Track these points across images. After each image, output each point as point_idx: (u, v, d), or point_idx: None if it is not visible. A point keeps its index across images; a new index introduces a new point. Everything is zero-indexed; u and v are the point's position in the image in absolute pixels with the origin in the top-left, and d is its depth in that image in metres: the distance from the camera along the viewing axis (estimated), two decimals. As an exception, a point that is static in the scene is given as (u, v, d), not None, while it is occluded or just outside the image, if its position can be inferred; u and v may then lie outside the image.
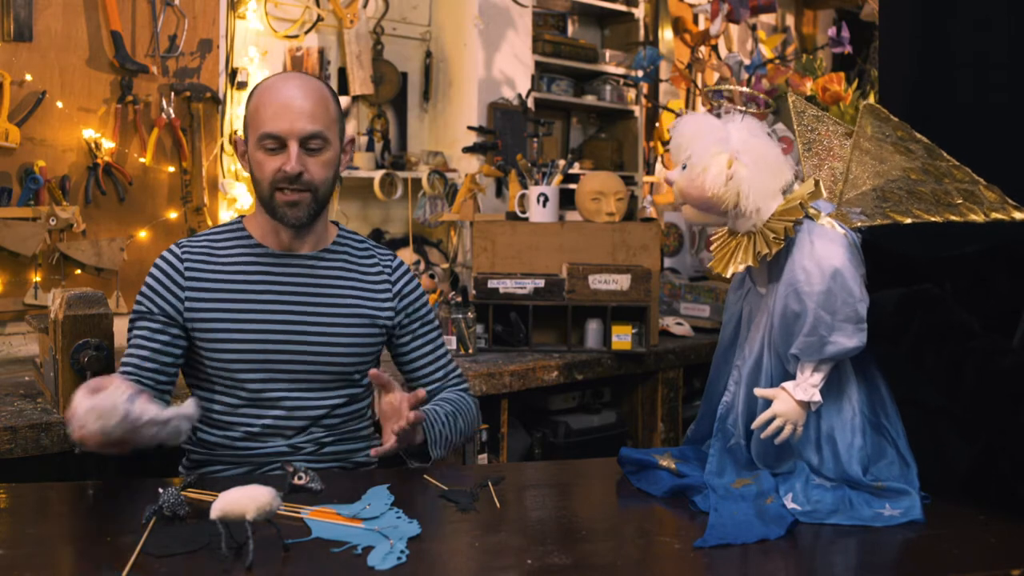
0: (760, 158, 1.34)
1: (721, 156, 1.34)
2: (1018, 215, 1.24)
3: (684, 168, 1.38)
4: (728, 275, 1.42)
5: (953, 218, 1.27)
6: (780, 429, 1.35)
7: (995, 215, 1.25)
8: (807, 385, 1.34)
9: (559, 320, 2.57)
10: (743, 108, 2.89)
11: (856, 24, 3.51)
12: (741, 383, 1.44)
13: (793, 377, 1.36)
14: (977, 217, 1.26)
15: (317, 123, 1.59)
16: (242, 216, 1.73)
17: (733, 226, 1.41)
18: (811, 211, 1.36)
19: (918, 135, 1.28)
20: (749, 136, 1.35)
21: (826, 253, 1.32)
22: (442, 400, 1.72)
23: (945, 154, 1.26)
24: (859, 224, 1.36)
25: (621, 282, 2.51)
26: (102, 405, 1.28)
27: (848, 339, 1.31)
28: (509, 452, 2.46)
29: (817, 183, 1.35)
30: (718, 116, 1.41)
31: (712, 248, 1.47)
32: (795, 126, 1.49)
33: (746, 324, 1.48)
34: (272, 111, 1.58)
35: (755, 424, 1.37)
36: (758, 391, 1.38)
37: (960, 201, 1.26)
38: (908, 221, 1.32)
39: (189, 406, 1.36)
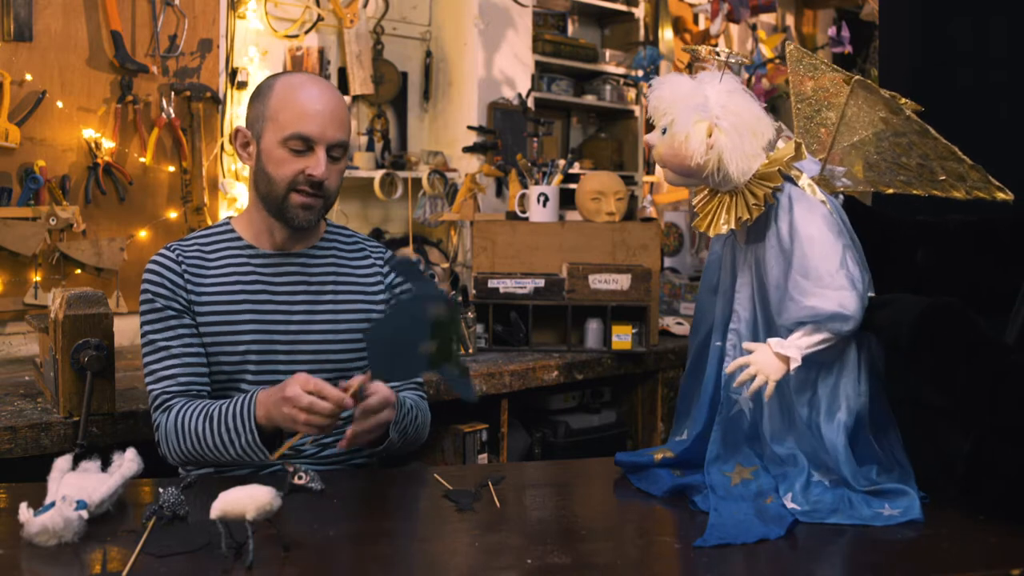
0: (740, 121, 1.32)
1: (701, 124, 1.32)
2: (1000, 195, 1.25)
3: (664, 132, 1.36)
4: (711, 235, 1.41)
5: (936, 193, 1.29)
6: (753, 380, 1.33)
7: (977, 193, 1.26)
8: (790, 343, 1.32)
9: (559, 320, 2.57)
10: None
11: (856, 24, 3.51)
12: (738, 347, 1.43)
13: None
14: (959, 194, 1.27)
15: (344, 132, 1.61)
16: (229, 218, 1.73)
17: (715, 187, 1.39)
18: (793, 173, 1.35)
19: (907, 111, 1.28)
20: (728, 97, 1.33)
21: (803, 219, 1.32)
22: (404, 397, 1.68)
23: (932, 131, 1.26)
24: (842, 189, 1.37)
25: (621, 282, 2.51)
26: (54, 525, 1.16)
27: (826, 303, 1.29)
28: (509, 452, 2.46)
29: (799, 145, 1.35)
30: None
31: (695, 206, 1.46)
32: (791, 76, 1.47)
33: (728, 270, 1.48)
34: (302, 112, 1.57)
35: (728, 368, 1.37)
36: (746, 345, 1.37)
37: (943, 177, 1.27)
38: (891, 192, 1.33)
39: (131, 465, 1.33)
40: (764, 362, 1.33)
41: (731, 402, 1.43)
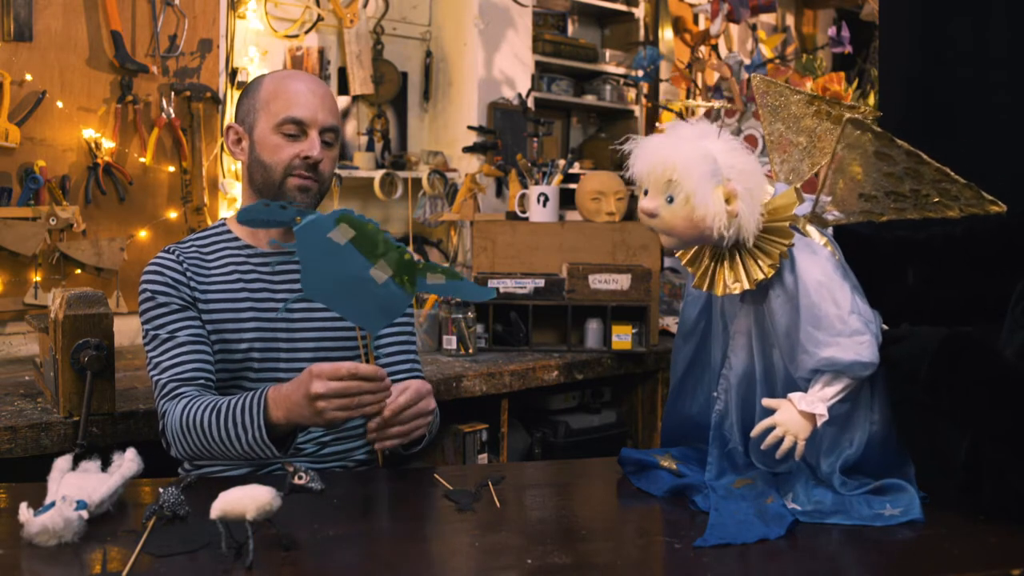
0: (752, 182, 1.28)
1: (718, 191, 1.27)
2: (994, 208, 1.24)
3: (670, 201, 1.29)
4: (719, 294, 1.35)
5: (930, 215, 1.27)
6: (781, 441, 1.29)
7: (970, 210, 1.25)
8: (814, 397, 1.28)
9: (559, 320, 2.57)
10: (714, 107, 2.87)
11: (856, 24, 3.50)
12: (731, 391, 1.42)
13: (793, 385, 1.33)
14: (953, 213, 1.26)
15: (335, 118, 1.66)
16: (224, 219, 1.73)
17: (717, 245, 1.34)
18: (799, 223, 1.34)
19: (899, 142, 1.26)
20: (733, 156, 1.29)
21: (807, 264, 1.29)
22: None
23: (925, 156, 1.25)
24: (834, 222, 1.35)
25: (621, 282, 2.51)
26: (54, 525, 1.15)
27: (844, 353, 1.26)
28: (509, 452, 2.46)
29: (798, 191, 1.33)
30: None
31: (684, 262, 1.42)
32: (759, 107, 1.46)
33: (719, 315, 1.46)
34: (294, 98, 1.61)
35: (754, 432, 1.33)
36: (766, 401, 1.33)
37: (937, 200, 1.26)
38: (885, 218, 1.31)
39: (131, 465, 1.32)
40: (790, 421, 1.28)
41: (724, 439, 1.43)
